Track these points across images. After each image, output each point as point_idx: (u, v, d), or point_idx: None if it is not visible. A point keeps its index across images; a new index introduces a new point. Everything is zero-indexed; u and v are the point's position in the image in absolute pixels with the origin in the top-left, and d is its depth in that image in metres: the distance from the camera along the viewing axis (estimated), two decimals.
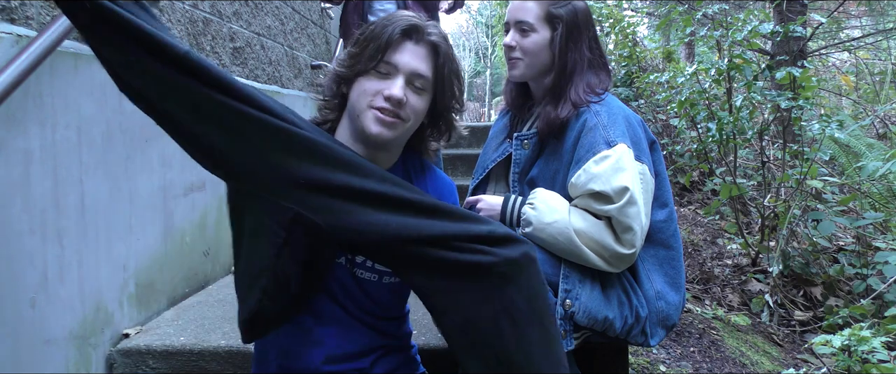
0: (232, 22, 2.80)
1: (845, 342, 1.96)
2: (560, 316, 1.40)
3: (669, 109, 4.52)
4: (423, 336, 1.75)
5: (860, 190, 3.70)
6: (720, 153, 3.56)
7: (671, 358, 2.28)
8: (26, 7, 1.61)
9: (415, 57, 1.23)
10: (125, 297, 1.93)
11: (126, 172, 1.93)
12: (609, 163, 1.40)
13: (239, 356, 1.75)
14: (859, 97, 6.53)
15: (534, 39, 1.55)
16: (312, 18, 4.23)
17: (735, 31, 3.31)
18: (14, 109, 1.48)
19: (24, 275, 1.52)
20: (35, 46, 1.46)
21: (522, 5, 1.55)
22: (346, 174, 1.10)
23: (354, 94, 1.24)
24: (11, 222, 1.48)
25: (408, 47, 1.23)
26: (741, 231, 3.37)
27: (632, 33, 5.47)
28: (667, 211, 1.55)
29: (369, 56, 1.22)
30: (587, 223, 1.41)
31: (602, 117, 1.47)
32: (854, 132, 4.10)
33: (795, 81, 3.20)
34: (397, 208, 1.11)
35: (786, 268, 3.14)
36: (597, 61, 1.58)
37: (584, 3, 1.58)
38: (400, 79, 1.21)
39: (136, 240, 1.99)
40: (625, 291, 1.48)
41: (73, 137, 1.69)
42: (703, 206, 4.29)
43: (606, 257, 1.41)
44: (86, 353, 1.74)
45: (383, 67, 1.22)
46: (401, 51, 1.22)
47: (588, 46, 1.57)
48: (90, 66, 1.78)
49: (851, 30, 7.04)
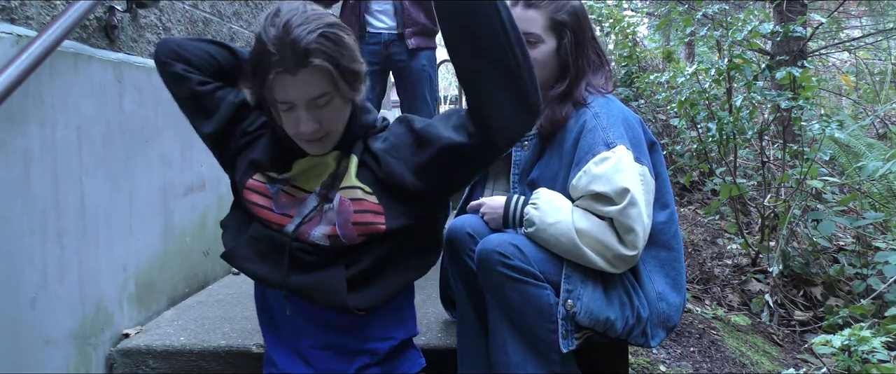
0: (232, 22, 2.80)
1: (845, 342, 1.96)
2: (562, 316, 1.40)
3: (669, 109, 4.52)
4: (424, 336, 1.75)
5: (860, 190, 3.70)
6: (720, 153, 3.55)
7: (671, 358, 2.28)
8: (26, 7, 1.61)
9: (300, 87, 1.13)
10: (125, 297, 1.93)
11: (126, 172, 1.93)
12: (609, 164, 1.40)
13: (239, 356, 1.75)
14: (859, 97, 6.53)
15: (542, 50, 1.53)
16: None
17: (735, 31, 3.31)
18: (14, 109, 1.48)
19: (24, 275, 1.52)
20: (35, 46, 1.46)
21: (526, 16, 1.51)
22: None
23: (276, 118, 1.22)
24: (11, 222, 1.48)
25: (288, 82, 1.13)
26: (741, 231, 3.37)
27: (632, 33, 5.47)
28: (668, 212, 1.55)
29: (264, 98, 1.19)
30: (590, 224, 1.41)
31: (601, 119, 1.47)
32: (854, 132, 4.10)
33: (795, 81, 3.20)
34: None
35: (786, 268, 3.14)
36: (598, 61, 1.58)
37: (580, 2, 1.57)
38: (301, 112, 1.16)
39: (136, 240, 1.99)
40: (626, 292, 1.47)
41: (73, 137, 1.69)
42: (703, 206, 4.30)
43: (609, 258, 1.41)
44: (86, 353, 1.74)
45: (281, 105, 1.17)
46: (285, 89, 1.14)
47: (591, 48, 1.56)
48: (90, 66, 1.77)
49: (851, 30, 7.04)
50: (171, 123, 2.16)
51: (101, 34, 1.90)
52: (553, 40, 1.53)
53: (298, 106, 1.15)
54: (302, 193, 1.27)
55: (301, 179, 1.28)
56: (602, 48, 1.62)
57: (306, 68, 1.11)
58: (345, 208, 1.24)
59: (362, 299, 1.26)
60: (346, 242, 1.24)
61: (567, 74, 1.54)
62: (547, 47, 1.53)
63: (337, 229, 1.24)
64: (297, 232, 1.25)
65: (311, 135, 1.18)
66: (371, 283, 1.28)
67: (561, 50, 1.53)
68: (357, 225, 1.24)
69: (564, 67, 1.54)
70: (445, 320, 1.88)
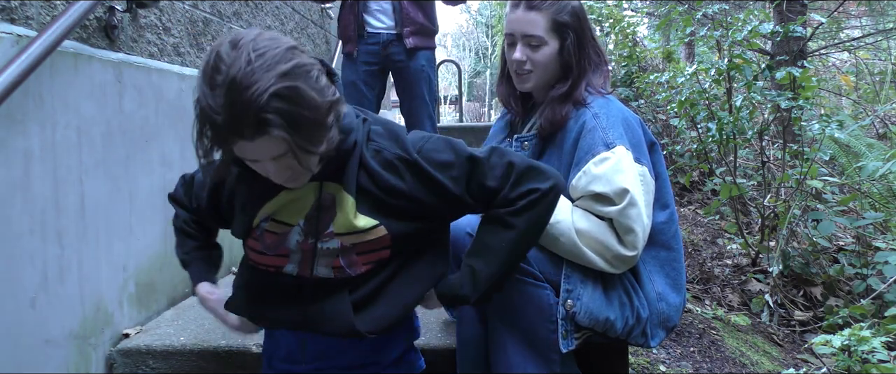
0: (232, 22, 2.80)
1: (845, 342, 1.96)
2: (561, 316, 1.40)
3: (669, 109, 4.51)
4: (424, 336, 1.75)
5: (860, 190, 3.70)
6: (720, 153, 3.55)
7: (671, 358, 2.28)
8: (26, 7, 1.61)
9: (261, 150, 1.01)
10: (125, 297, 1.93)
11: (126, 172, 1.93)
12: (609, 165, 1.40)
13: (239, 356, 1.75)
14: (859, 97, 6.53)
15: (545, 53, 1.53)
16: (312, 18, 4.23)
17: (735, 31, 3.31)
18: (14, 109, 1.48)
19: (24, 275, 1.52)
20: (35, 46, 1.46)
21: (528, 19, 1.51)
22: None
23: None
24: (11, 222, 1.48)
25: (246, 146, 0.99)
26: (741, 231, 3.37)
27: (632, 33, 5.46)
28: (668, 212, 1.55)
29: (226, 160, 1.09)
30: (590, 224, 1.41)
31: (600, 119, 1.47)
32: (854, 132, 4.10)
33: (795, 81, 3.20)
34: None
35: (786, 268, 3.14)
36: (598, 60, 1.58)
37: (580, 2, 1.57)
38: (268, 165, 1.05)
39: (136, 240, 1.99)
40: (626, 292, 1.47)
41: (73, 137, 1.69)
42: (703, 206, 4.29)
43: (608, 258, 1.41)
44: (86, 353, 1.74)
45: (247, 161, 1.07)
46: (243, 150, 1.01)
47: (592, 47, 1.56)
48: (90, 66, 1.77)
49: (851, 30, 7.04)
50: (171, 123, 2.16)
51: (101, 34, 1.90)
52: (556, 42, 1.53)
53: (264, 161, 1.04)
54: (284, 227, 1.19)
55: (282, 213, 1.19)
56: (601, 48, 1.62)
57: (264, 136, 0.97)
58: (347, 249, 1.18)
59: (372, 322, 1.21)
60: (353, 274, 1.19)
61: (569, 74, 1.54)
62: (550, 49, 1.53)
63: (341, 261, 1.19)
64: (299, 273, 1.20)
65: (285, 182, 1.11)
66: (378, 302, 1.22)
67: (564, 51, 1.53)
68: (361, 255, 1.19)
69: (567, 67, 1.54)
70: (445, 320, 1.88)
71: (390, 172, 1.18)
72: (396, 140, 1.22)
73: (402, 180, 1.18)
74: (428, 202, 1.20)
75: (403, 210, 1.19)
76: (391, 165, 1.19)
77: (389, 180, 1.18)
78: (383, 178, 1.18)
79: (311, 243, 1.18)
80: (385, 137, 1.22)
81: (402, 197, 1.18)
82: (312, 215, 1.18)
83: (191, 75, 2.32)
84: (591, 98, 1.53)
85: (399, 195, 1.18)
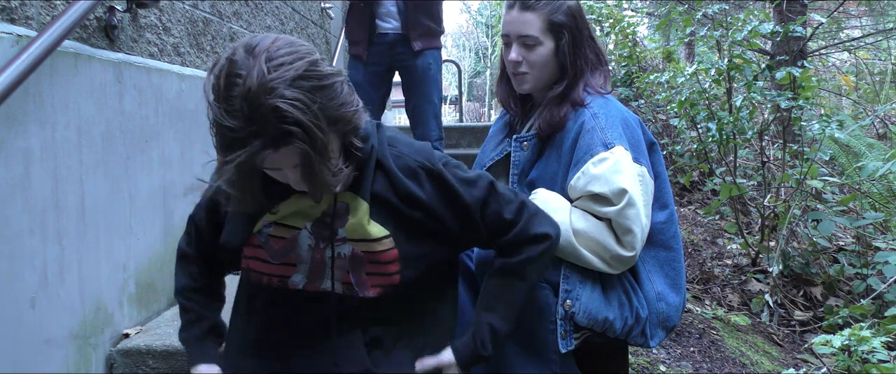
0: (232, 22, 2.80)
1: (845, 342, 1.95)
2: (560, 316, 1.40)
3: (669, 109, 4.51)
4: None
5: (860, 190, 3.70)
6: (720, 153, 3.55)
7: (671, 358, 2.28)
8: (26, 7, 1.61)
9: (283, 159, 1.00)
10: (125, 297, 1.93)
11: (126, 172, 1.93)
12: (607, 165, 1.40)
13: None
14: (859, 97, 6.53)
15: (540, 53, 1.52)
16: (312, 18, 4.23)
17: (735, 31, 3.31)
18: (14, 109, 1.48)
19: (24, 275, 1.52)
20: (35, 46, 1.46)
21: (523, 19, 1.51)
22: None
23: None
24: (11, 222, 1.48)
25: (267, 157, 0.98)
26: (741, 231, 3.37)
27: (632, 33, 5.46)
28: (667, 212, 1.54)
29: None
30: (588, 224, 1.40)
31: (599, 119, 1.47)
32: (854, 132, 4.10)
33: (795, 81, 3.20)
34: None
35: (786, 268, 3.14)
36: (596, 60, 1.58)
37: (576, 2, 1.57)
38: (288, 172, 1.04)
39: (136, 240, 1.99)
40: (625, 292, 1.47)
41: (73, 137, 1.69)
42: (703, 206, 4.29)
43: (606, 258, 1.41)
44: (86, 353, 1.74)
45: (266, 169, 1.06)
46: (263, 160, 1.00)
47: (589, 47, 1.56)
48: (90, 66, 1.78)
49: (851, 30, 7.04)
50: (171, 123, 2.16)
51: (101, 34, 1.90)
52: (551, 42, 1.53)
53: (285, 169, 1.04)
54: (291, 230, 1.16)
55: (289, 219, 1.17)
56: (600, 48, 1.61)
57: (287, 147, 0.96)
58: (358, 259, 1.16)
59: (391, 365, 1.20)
60: (361, 294, 1.17)
61: (566, 74, 1.53)
62: (545, 49, 1.53)
63: (350, 276, 1.17)
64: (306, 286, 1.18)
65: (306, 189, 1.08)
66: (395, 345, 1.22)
67: (559, 51, 1.53)
68: (371, 275, 1.16)
69: (563, 67, 1.54)
70: None
71: (411, 179, 1.18)
72: (419, 149, 1.22)
73: (421, 189, 1.18)
74: (442, 217, 1.19)
75: (416, 225, 1.18)
76: (413, 172, 1.18)
77: (409, 187, 1.17)
78: (404, 184, 1.17)
79: (323, 247, 1.16)
80: (405, 144, 1.22)
81: (419, 207, 1.17)
82: (323, 219, 1.16)
83: (191, 75, 2.32)
84: (590, 98, 1.53)
85: (415, 204, 1.17)
